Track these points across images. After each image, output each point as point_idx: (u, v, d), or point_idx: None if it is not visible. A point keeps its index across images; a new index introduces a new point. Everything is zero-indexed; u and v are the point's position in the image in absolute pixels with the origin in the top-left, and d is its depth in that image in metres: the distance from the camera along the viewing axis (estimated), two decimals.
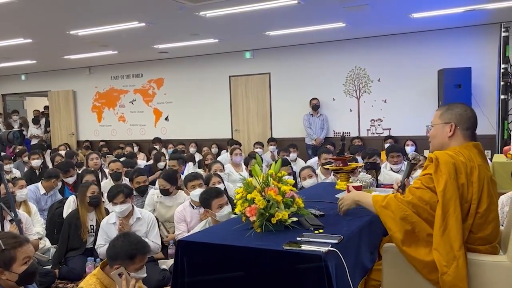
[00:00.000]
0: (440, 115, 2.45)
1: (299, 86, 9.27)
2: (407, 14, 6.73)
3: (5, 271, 2.28)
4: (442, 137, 2.43)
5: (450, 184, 2.19)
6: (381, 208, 2.31)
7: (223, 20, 6.58)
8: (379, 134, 8.69)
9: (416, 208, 2.23)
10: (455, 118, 2.40)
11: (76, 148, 11.23)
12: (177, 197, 4.92)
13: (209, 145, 9.38)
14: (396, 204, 2.26)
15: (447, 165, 2.22)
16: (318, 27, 7.44)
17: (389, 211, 2.27)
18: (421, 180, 2.29)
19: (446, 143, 2.41)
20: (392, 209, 2.26)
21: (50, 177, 5.51)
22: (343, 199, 2.58)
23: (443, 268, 2.14)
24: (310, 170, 5.16)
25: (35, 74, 12.34)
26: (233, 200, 4.53)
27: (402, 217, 2.22)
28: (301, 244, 2.08)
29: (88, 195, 4.37)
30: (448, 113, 2.43)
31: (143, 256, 2.51)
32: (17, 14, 6.05)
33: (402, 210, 2.23)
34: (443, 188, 2.18)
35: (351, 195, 2.59)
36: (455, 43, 7.93)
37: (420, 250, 2.22)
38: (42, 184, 5.52)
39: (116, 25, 6.78)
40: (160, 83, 10.79)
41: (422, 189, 2.25)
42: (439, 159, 2.25)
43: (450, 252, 2.14)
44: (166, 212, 4.87)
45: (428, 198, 2.22)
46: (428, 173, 2.28)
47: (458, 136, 2.39)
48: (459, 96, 7.09)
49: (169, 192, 4.86)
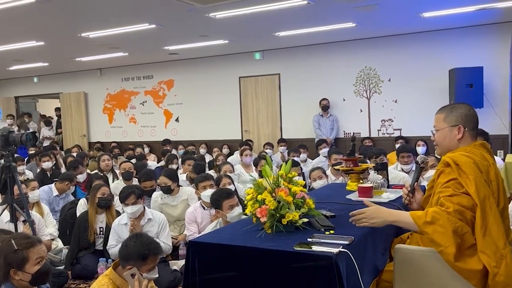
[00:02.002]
0: (445, 118, 2.40)
1: (309, 86, 9.25)
2: (418, 13, 6.69)
3: (19, 271, 2.30)
4: (450, 140, 2.38)
5: (480, 182, 2.15)
6: (426, 224, 2.14)
7: (232, 21, 6.60)
8: (390, 135, 8.65)
9: (462, 215, 2.13)
10: (461, 119, 2.36)
11: (88, 149, 11.33)
12: (180, 195, 4.97)
13: (219, 146, 9.40)
14: (445, 217, 2.11)
15: (469, 165, 2.19)
16: (328, 28, 7.42)
17: (437, 225, 2.12)
18: (450, 187, 2.20)
19: (454, 146, 2.38)
20: (440, 223, 2.11)
21: (64, 180, 5.56)
22: (368, 216, 2.27)
23: (493, 269, 2.08)
24: (320, 171, 5.15)
25: (47, 77, 12.47)
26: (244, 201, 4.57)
27: (453, 230, 2.09)
28: (312, 245, 2.08)
29: (98, 196, 4.40)
30: (453, 115, 2.38)
31: (155, 256, 2.53)
32: (29, 17, 6.12)
33: (452, 223, 2.10)
34: (475, 189, 2.14)
35: (382, 214, 2.28)
36: (467, 42, 7.86)
37: (472, 261, 2.13)
38: (55, 186, 5.58)
39: (126, 27, 6.83)
40: (170, 85, 10.84)
41: (457, 195, 2.16)
42: (458, 161, 2.22)
43: (496, 251, 2.09)
44: (173, 211, 4.92)
45: (466, 203, 2.15)
46: (451, 179, 2.22)
47: (467, 137, 2.37)
48: (470, 96, 7.04)
49: (170, 189, 4.91)
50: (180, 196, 4.97)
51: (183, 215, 4.83)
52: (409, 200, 2.60)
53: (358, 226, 2.29)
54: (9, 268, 2.29)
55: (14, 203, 3.75)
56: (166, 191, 4.92)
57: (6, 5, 5.33)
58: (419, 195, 2.60)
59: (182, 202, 4.95)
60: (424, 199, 2.53)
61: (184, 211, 4.87)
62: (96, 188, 4.47)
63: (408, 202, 2.61)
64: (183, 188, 5.10)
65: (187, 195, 5.00)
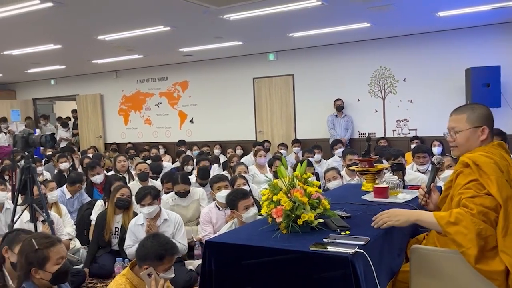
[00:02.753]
0: (467, 118, 2.35)
1: (323, 87, 9.23)
2: (433, 12, 6.63)
3: (39, 270, 2.35)
4: (473, 141, 2.34)
5: (502, 182, 2.13)
6: (449, 224, 2.13)
7: (246, 22, 6.62)
8: (405, 135, 8.58)
9: (486, 216, 2.10)
10: (485, 120, 2.33)
11: (104, 150, 11.46)
12: (191, 195, 4.99)
13: (233, 146, 9.43)
14: (468, 219, 2.08)
15: (490, 166, 2.16)
16: (342, 28, 7.40)
17: (461, 226, 2.10)
18: (471, 188, 2.18)
19: (476, 147, 2.33)
20: (464, 224, 2.09)
21: (74, 183, 5.62)
22: (391, 215, 2.27)
23: None
24: (335, 172, 5.14)
25: (64, 79, 12.65)
26: (258, 201, 4.58)
27: (477, 232, 2.07)
28: (328, 246, 2.08)
29: (117, 196, 4.46)
30: (475, 116, 2.35)
31: (171, 256, 2.56)
32: (47, 21, 6.23)
33: (476, 224, 2.07)
34: (498, 189, 2.11)
35: (405, 213, 2.29)
36: (483, 41, 7.76)
37: (494, 263, 2.10)
38: (67, 189, 5.63)
39: (142, 30, 6.90)
40: (185, 86, 10.92)
41: (480, 196, 2.14)
42: (478, 162, 2.19)
43: None
44: (186, 212, 4.95)
45: (489, 204, 2.12)
46: (472, 180, 2.19)
47: (489, 138, 2.35)
48: (488, 95, 6.96)
49: (187, 192, 4.92)
50: (191, 197, 4.99)
51: (195, 215, 4.87)
52: (425, 201, 2.58)
53: (383, 228, 2.28)
54: (30, 267, 2.34)
55: (34, 203, 3.82)
56: (183, 195, 4.94)
57: (24, 9, 5.43)
58: (436, 196, 2.58)
59: (193, 203, 4.98)
60: (441, 199, 2.52)
61: (196, 211, 4.91)
62: (117, 189, 4.53)
63: (425, 203, 2.59)
64: (194, 189, 5.11)
65: (198, 196, 5.03)
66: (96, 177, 5.99)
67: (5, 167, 6.72)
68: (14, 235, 2.85)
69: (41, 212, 3.89)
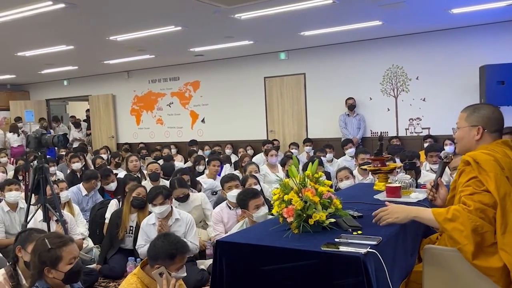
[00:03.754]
0: (467, 117, 2.39)
1: (334, 86, 9.19)
2: (446, 10, 6.55)
3: (52, 269, 2.36)
4: (468, 140, 2.38)
5: (500, 179, 2.13)
6: (446, 221, 2.16)
7: (257, 21, 6.61)
8: (418, 134, 8.50)
9: (484, 213, 2.11)
10: (482, 121, 2.34)
11: (116, 150, 11.52)
12: (193, 201, 4.91)
13: (244, 146, 9.42)
14: (465, 215, 2.11)
15: (489, 163, 2.17)
16: (354, 26, 7.35)
17: (457, 223, 2.12)
18: (470, 186, 2.19)
19: (473, 146, 2.36)
20: (460, 221, 2.12)
21: (90, 179, 5.70)
22: (391, 212, 2.31)
23: None
24: (347, 172, 5.11)
25: (77, 80, 12.77)
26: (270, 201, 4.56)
27: (473, 228, 2.09)
28: (340, 246, 2.06)
29: (133, 195, 4.48)
30: (474, 116, 2.37)
31: (182, 255, 2.56)
32: (59, 22, 6.28)
33: (472, 221, 2.10)
34: (495, 186, 2.12)
35: (405, 210, 2.33)
36: (498, 38, 7.65)
37: (491, 259, 2.11)
38: (83, 186, 5.72)
39: (153, 30, 6.93)
40: (196, 86, 10.94)
41: (478, 193, 2.15)
42: (478, 159, 2.20)
43: None
44: None
45: (488, 200, 2.13)
46: (472, 177, 2.21)
47: (486, 138, 2.35)
48: (502, 93, 6.85)
49: (188, 196, 4.86)
50: (193, 202, 4.90)
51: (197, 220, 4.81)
52: (433, 196, 2.59)
53: (382, 225, 2.30)
54: (43, 266, 2.36)
55: (47, 203, 3.86)
56: (183, 200, 4.85)
57: (36, 10, 5.48)
58: (443, 191, 2.59)
59: (195, 208, 4.88)
60: (449, 199, 2.50)
61: (197, 217, 4.86)
62: (133, 189, 4.56)
63: (432, 198, 2.60)
64: (194, 195, 5.03)
65: (200, 201, 4.96)
66: (111, 185, 6.02)
67: (19, 167, 6.81)
68: (27, 234, 2.88)
69: (53, 211, 3.93)
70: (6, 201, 4.84)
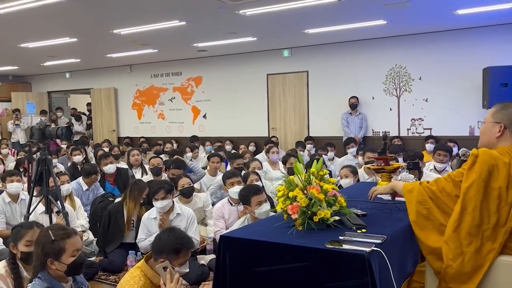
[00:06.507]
0: (494, 113, 2.40)
1: (337, 84, 9.17)
2: (451, 10, 6.54)
3: (55, 261, 2.36)
4: (490, 136, 2.39)
5: (477, 184, 2.20)
6: (407, 192, 2.45)
7: (262, 18, 6.59)
8: (420, 134, 8.50)
9: (435, 197, 2.34)
10: (507, 119, 2.35)
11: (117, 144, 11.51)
12: (196, 202, 4.86)
13: (246, 143, 9.42)
14: (418, 189, 2.40)
15: (482, 165, 2.21)
16: (358, 25, 7.34)
17: (412, 195, 2.41)
18: (453, 173, 2.36)
19: (493, 143, 2.37)
20: (414, 193, 2.40)
21: (89, 174, 5.65)
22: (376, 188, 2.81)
23: (448, 261, 2.20)
24: (348, 170, 5.10)
25: (79, 72, 12.74)
26: (271, 198, 4.56)
27: (419, 200, 2.36)
28: (344, 243, 2.07)
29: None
30: (501, 113, 2.37)
31: (187, 250, 2.55)
32: (63, 15, 6.26)
33: (421, 195, 2.37)
34: (468, 186, 2.21)
35: (388, 184, 2.81)
36: (502, 40, 7.63)
37: (431, 237, 2.30)
38: (83, 180, 5.68)
39: (157, 24, 6.91)
40: (199, 81, 10.93)
41: (448, 181, 2.35)
42: (478, 157, 2.24)
43: (458, 247, 2.18)
44: None
45: (449, 190, 2.31)
46: (463, 168, 2.30)
47: (507, 137, 2.33)
48: (505, 95, 6.83)
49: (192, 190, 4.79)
50: (196, 203, 4.84)
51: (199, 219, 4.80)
52: None
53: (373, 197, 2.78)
54: (46, 257, 2.35)
55: (49, 195, 3.85)
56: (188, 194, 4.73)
57: (41, 2, 5.46)
58: None
59: (197, 210, 4.79)
60: None
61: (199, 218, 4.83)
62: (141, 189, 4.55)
63: None
64: (198, 195, 5.00)
65: (202, 203, 4.92)
66: (108, 166, 5.99)
67: (20, 159, 6.80)
68: (17, 232, 2.88)
69: (55, 203, 3.93)
70: (8, 192, 4.84)
